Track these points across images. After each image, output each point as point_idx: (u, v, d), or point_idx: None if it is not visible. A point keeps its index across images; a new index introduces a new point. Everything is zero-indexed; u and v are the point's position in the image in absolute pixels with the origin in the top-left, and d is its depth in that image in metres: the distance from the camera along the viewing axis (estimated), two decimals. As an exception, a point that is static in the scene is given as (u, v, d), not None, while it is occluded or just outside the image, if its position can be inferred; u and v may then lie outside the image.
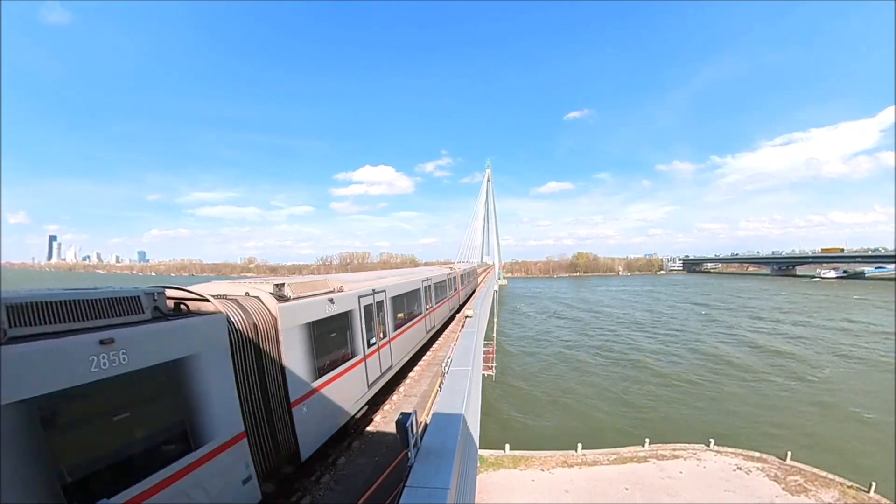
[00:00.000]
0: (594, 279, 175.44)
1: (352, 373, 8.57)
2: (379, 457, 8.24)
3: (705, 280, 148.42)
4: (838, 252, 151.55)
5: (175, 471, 4.42)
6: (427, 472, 4.38)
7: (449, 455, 4.66)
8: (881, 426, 22.25)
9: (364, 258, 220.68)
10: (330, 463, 8.16)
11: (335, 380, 7.88)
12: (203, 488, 4.73)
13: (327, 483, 7.46)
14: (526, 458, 18.91)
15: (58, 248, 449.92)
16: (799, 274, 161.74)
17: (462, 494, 5.27)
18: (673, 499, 15.75)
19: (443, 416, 5.74)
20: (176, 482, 4.46)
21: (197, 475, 4.70)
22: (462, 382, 7.06)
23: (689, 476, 17.27)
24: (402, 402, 11.43)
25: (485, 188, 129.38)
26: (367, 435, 9.36)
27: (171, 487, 4.36)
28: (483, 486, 16.64)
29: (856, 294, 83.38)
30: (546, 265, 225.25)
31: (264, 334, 6.15)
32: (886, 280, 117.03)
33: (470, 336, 11.37)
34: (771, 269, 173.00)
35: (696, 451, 19.18)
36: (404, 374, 13.72)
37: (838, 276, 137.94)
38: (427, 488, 4.13)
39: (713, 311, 65.42)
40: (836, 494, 15.78)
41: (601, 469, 18.06)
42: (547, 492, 16.54)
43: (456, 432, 5.21)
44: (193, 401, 4.73)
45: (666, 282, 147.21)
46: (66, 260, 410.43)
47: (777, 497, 15.70)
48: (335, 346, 8.16)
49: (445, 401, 6.29)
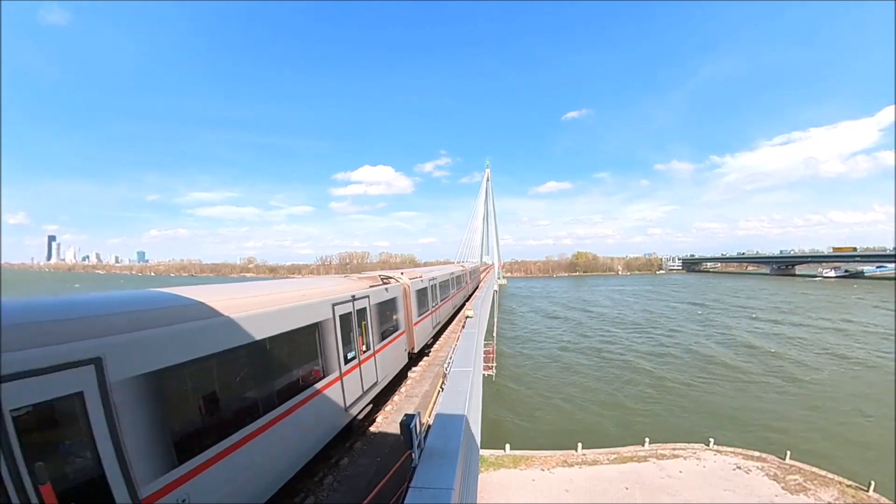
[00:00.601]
0: (593, 279, 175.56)
1: (429, 318, 17.17)
2: (381, 457, 8.27)
3: (705, 280, 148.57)
4: (850, 251, 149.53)
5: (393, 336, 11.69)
6: (431, 472, 4.42)
7: (452, 456, 4.71)
8: (879, 426, 22.35)
9: (364, 258, 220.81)
10: (333, 463, 8.19)
11: (424, 319, 16.08)
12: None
13: (330, 484, 7.49)
14: (526, 457, 18.97)
15: (57, 249, 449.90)
16: (798, 273, 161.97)
17: (465, 495, 5.31)
18: (673, 498, 15.81)
19: (445, 416, 5.78)
20: (389, 345, 11.22)
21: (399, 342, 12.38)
22: (464, 383, 7.10)
23: (689, 475, 17.33)
24: (403, 402, 11.46)
25: (484, 187, 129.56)
26: (369, 435, 9.40)
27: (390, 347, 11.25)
28: (484, 486, 16.69)
29: (854, 294, 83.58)
30: (545, 265, 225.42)
31: (404, 294, 13.79)
32: (886, 279, 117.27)
33: (470, 336, 11.42)
34: (770, 268, 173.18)
35: (695, 451, 19.24)
36: (405, 374, 13.79)
37: (838, 276, 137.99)
38: (431, 489, 4.17)
39: (711, 312, 65.53)
40: (835, 493, 15.84)
41: (601, 468, 18.12)
42: (547, 491, 16.59)
43: (459, 433, 5.26)
44: (404, 315, 13.35)
45: (665, 281, 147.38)
46: (65, 260, 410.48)
47: (777, 496, 15.76)
48: (424, 304, 16.37)
49: (447, 402, 6.33)
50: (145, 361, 4.34)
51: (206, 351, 5.04)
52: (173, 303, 5.07)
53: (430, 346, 17.26)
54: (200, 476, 4.68)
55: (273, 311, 6.30)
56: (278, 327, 6.33)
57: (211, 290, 5.94)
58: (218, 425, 5.31)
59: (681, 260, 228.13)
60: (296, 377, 6.85)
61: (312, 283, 8.50)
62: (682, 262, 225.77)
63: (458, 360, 9.09)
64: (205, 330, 5.10)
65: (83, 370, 3.71)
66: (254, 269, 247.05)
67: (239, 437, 5.41)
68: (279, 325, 6.36)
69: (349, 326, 8.80)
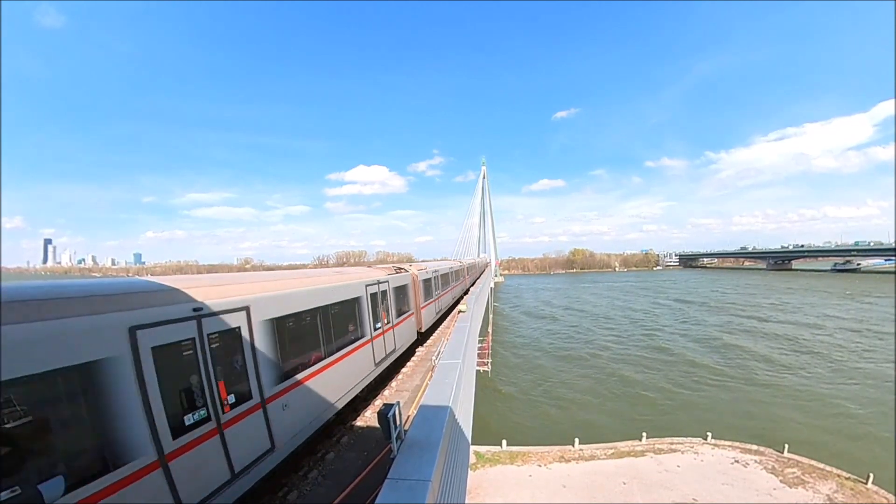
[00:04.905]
0: (591, 275, 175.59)
1: (434, 304, 19.84)
2: (368, 451, 8.07)
3: (702, 275, 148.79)
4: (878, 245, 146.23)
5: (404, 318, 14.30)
6: (409, 464, 4.19)
7: (433, 447, 4.48)
8: (878, 419, 22.32)
9: (360, 257, 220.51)
10: (318, 458, 7.99)
11: (430, 304, 18.89)
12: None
13: (315, 478, 7.29)
14: (523, 453, 18.77)
15: (53, 252, 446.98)
16: (795, 268, 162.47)
17: (450, 487, 5.09)
18: (671, 492, 15.63)
19: (429, 408, 5.55)
20: (403, 322, 14.12)
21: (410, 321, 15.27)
22: (451, 375, 6.87)
23: (687, 469, 17.16)
24: (393, 396, 11.25)
25: (480, 185, 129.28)
26: (356, 430, 9.19)
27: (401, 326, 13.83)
28: (480, 482, 16.50)
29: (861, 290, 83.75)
30: (542, 262, 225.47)
31: (413, 281, 16.09)
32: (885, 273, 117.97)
33: (462, 330, 11.19)
34: (767, 263, 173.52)
35: (693, 445, 19.08)
36: (397, 369, 13.59)
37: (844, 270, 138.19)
38: (409, 480, 3.95)
39: (710, 308, 65.58)
40: (833, 486, 15.70)
41: (598, 463, 17.94)
42: (545, 487, 16.39)
43: (441, 424, 5.02)
44: (413, 300, 16.01)
45: (663, 277, 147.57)
46: (61, 263, 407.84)
47: (775, 489, 15.61)
48: (429, 291, 18.90)
49: (433, 393, 6.10)
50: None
51: (303, 307, 7.69)
52: (282, 276, 7.79)
53: (434, 329, 20.34)
54: (294, 391, 6.95)
55: (331, 287, 8.86)
56: (336, 297, 8.96)
57: (296, 273, 8.68)
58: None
59: (677, 256, 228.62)
60: (346, 333, 9.46)
61: (349, 271, 11.03)
62: (678, 258, 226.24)
63: (447, 353, 8.86)
64: (300, 295, 7.66)
65: (241, 313, 5.95)
66: (250, 269, 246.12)
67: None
68: (336, 296, 8.97)
69: (376, 303, 11.42)
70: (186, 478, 4.70)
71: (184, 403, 4.90)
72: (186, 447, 4.76)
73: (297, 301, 7.49)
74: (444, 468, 4.84)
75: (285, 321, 7.06)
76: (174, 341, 4.83)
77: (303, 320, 7.71)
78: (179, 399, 4.87)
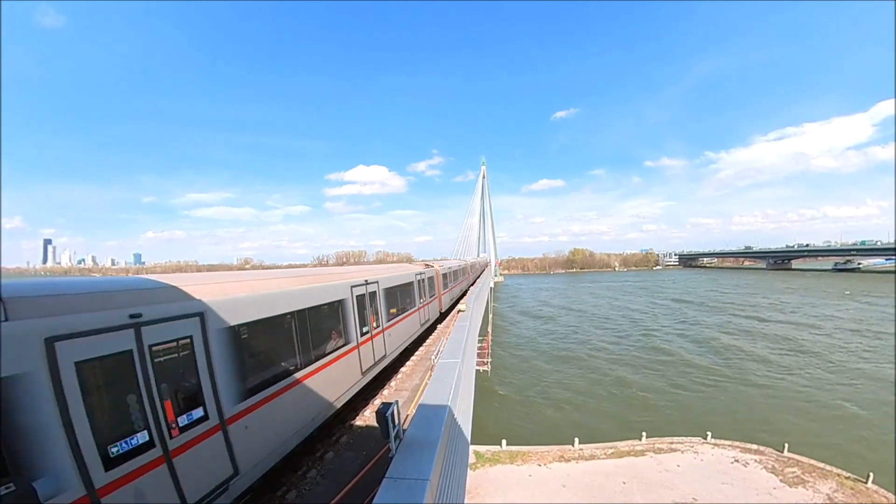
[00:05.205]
0: (590, 275, 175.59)
1: (449, 293, 25.63)
2: (367, 451, 8.05)
3: (701, 275, 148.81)
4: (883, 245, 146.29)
5: (426, 303, 18.46)
6: (408, 463, 4.18)
7: (431, 446, 4.46)
8: (877, 419, 22.31)
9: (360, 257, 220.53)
10: (317, 457, 7.97)
11: (447, 292, 24.67)
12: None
13: (314, 477, 7.27)
14: (523, 453, 18.74)
15: (52, 252, 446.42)
16: (794, 268, 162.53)
17: (449, 487, 5.07)
18: (671, 491, 15.61)
19: (428, 407, 5.53)
20: (419, 311, 16.95)
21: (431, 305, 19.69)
22: (450, 374, 6.85)
23: (687, 469, 17.15)
24: (393, 396, 11.23)
25: (480, 185, 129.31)
26: (355, 429, 9.17)
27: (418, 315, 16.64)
28: (479, 482, 16.47)
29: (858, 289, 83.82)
30: (542, 262, 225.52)
31: (437, 274, 21.52)
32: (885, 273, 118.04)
33: (461, 329, 11.18)
34: (766, 263, 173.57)
35: (693, 445, 19.06)
36: (395, 368, 13.59)
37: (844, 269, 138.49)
38: (408, 479, 3.93)
39: (709, 308, 65.56)
40: (833, 485, 15.68)
41: (598, 463, 17.92)
42: (545, 486, 16.37)
43: (440, 423, 5.01)
44: (438, 288, 21.70)
45: (662, 277, 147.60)
46: (60, 263, 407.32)
47: (775, 488, 15.59)
48: (449, 282, 25.51)
49: (431, 392, 6.09)
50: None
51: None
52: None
53: (446, 314, 24.58)
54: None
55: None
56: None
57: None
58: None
59: (677, 255, 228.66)
60: (401, 307, 13.32)
61: (406, 266, 15.84)
62: (678, 258, 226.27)
63: (446, 353, 8.85)
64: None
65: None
66: (250, 269, 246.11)
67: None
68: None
69: (422, 288, 17.31)
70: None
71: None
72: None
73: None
74: (443, 467, 4.82)
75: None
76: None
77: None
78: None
